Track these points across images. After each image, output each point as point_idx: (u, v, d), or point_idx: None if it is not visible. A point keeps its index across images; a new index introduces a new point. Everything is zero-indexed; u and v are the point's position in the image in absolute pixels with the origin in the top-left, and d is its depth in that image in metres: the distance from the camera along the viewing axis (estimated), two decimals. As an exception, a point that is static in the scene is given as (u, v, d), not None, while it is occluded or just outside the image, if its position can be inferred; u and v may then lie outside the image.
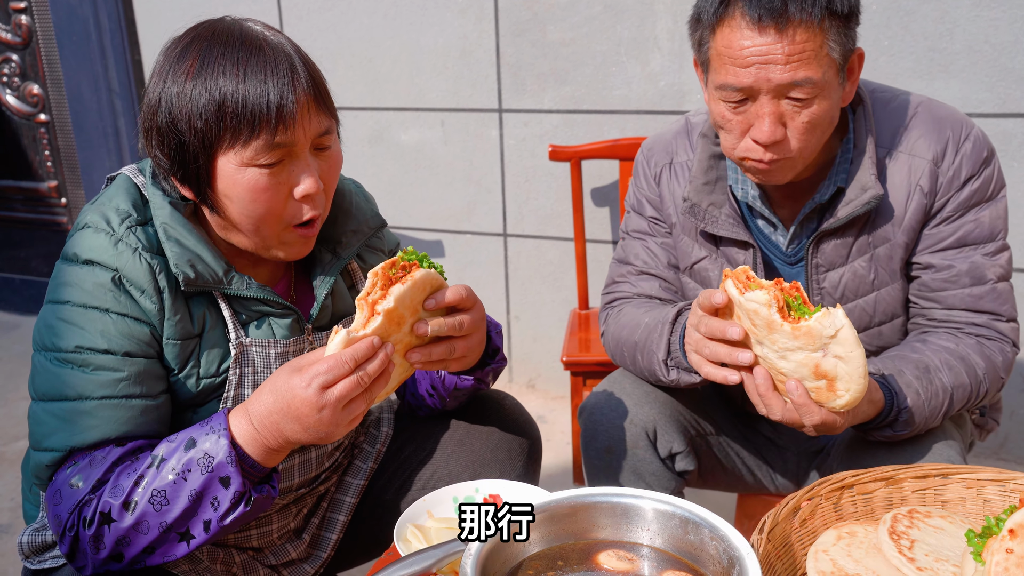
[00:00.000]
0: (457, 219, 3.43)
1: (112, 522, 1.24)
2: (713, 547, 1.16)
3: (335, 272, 1.52)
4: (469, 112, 3.28)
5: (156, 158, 1.36)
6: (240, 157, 1.30)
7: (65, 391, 1.30)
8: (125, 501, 1.24)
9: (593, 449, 1.75)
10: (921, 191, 1.57)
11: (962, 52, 2.59)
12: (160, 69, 1.35)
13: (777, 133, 1.47)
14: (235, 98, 1.27)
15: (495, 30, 3.16)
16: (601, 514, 1.25)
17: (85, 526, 1.25)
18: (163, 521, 1.24)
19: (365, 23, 3.33)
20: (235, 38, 1.32)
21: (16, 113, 4.24)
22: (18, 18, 4.06)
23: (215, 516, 1.24)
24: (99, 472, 1.28)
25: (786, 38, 1.40)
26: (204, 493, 1.23)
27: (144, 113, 1.36)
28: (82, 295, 1.32)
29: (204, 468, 1.23)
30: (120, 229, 1.35)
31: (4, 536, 2.70)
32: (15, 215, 4.43)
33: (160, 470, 1.24)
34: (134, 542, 1.25)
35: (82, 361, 1.31)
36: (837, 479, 1.30)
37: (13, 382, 3.79)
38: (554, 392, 3.47)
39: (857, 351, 1.29)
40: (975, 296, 1.59)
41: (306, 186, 1.34)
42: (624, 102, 3.05)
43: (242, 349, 1.42)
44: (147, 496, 1.23)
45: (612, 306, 1.84)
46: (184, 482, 1.23)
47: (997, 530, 1.02)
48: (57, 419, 1.30)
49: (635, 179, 1.85)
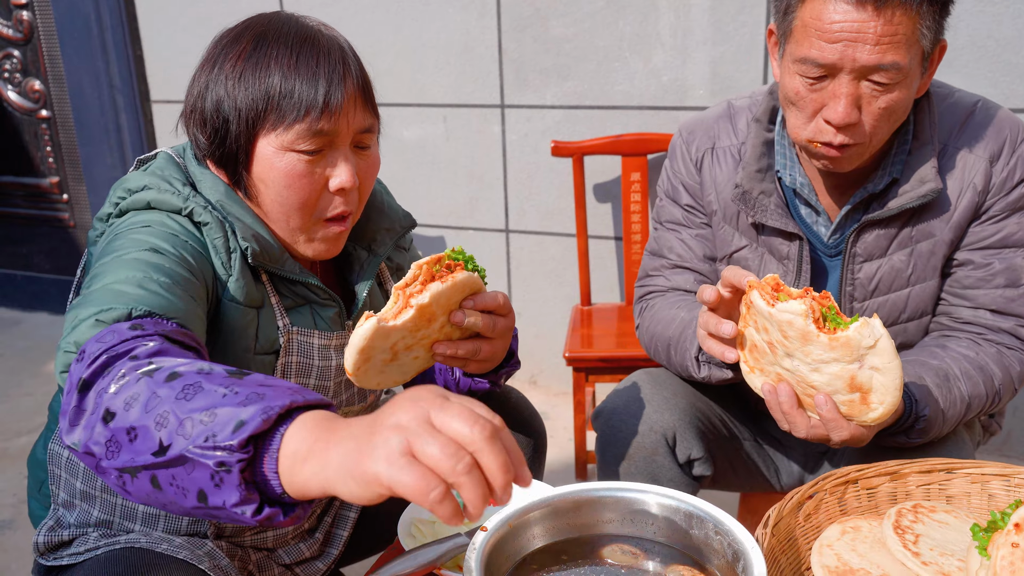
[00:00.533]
0: (459, 215, 3.43)
1: (149, 375, 0.98)
2: (718, 542, 1.16)
3: (374, 269, 1.53)
4: (471, 108, 3.28)
5: (195, 138, 1.38)
6: (281, 140, 1.31)
7: (134, 273, 1.19)
8: (173, 372, 0.98)
9: (611, 455, 1.72)
10: (974, 189, 1.55)
11: (966, 47, 2.59)
12: (210, 55, 1.37)
13: (852, 116, 1.42)
14: (285, 81, 1.29)
15: (497, 25, 3.15)
16: (606, 508, 1.25)
17: (131, 359, 1.02)
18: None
19: (367, 19, 3.32)
20: (290, 27, 1.34)
21: (17, 109, 4.24)
22: (19, 14, 4.06)
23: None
24: (169, 332, 1.12)
25: (883, 17, 1.35)
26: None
27: (188, 97, 1.37)
28: (160, 226, 1.29)
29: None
30: (184, 190, 1.34)
31: (6, 532, 2.71)
32: (17, 211, 4.43)
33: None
34: (134, 407, 0.96)
35: (154, 260, 1.23)
36: (841, 474, 1.30)
37: (16, 378, 3.80)
38: (556, 388, 3.47)
39: (895, 362, 1.25)
40: (1007, 298, 1.57)
41: (342, 179, 1.34)
42: (627, 98, 3.05)
43: (289, 336, 1.42)
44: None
45: (646, 300, 1.81)
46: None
47: (1002, 524, 1.02)
48: (121, 291, 1.16)
49: (671, 163, 1.79)
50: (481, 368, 1.42)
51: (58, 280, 4.46)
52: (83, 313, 1.14)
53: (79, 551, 1.42)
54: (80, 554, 1.41)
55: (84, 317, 1.13)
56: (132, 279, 1.18)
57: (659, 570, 1.19)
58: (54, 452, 1.47)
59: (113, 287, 1.17)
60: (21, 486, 2.94)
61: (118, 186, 1.38)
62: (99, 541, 1.42)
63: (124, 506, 1.43)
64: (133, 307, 1.13)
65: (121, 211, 1.34)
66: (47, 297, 4.51)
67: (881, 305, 1.64)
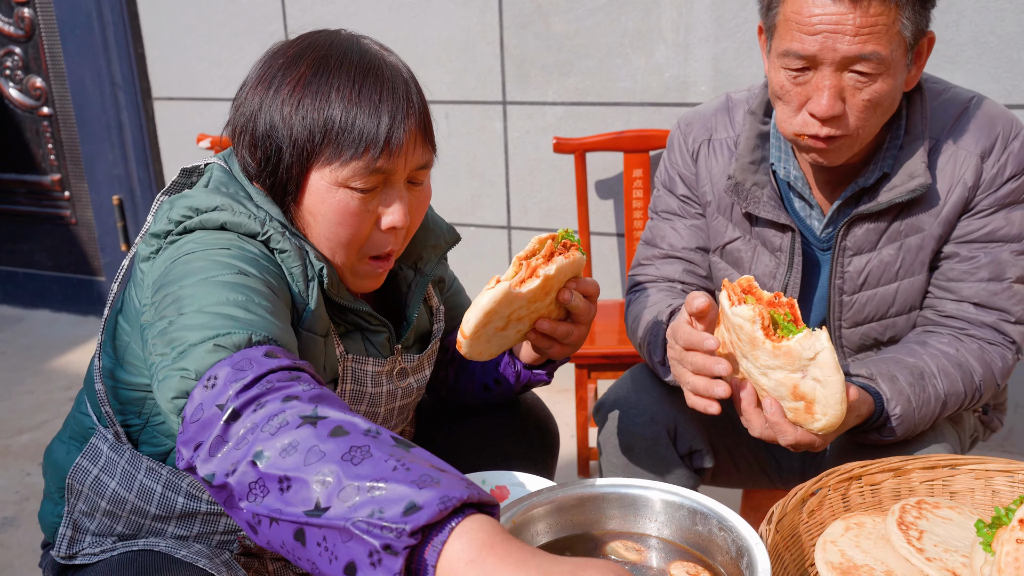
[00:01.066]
0: (461, 212, 3.43)
1: (312, 424, 0.94)
2: (721, 538, 1.16)
3: (423, 290, 1.50)
4: (473, 104, 3.28)
5: (243, 159, 1.32)
6: (336, 176, 1.26)
7: (236, 296, 1.12)
8: (338, 427, 0.94)
9: (612, 447, 1.73)
10: (964, 185, 1.56)
11: (968, 43, 2.58)
12: (264, 74, 1.30)
13: (835, 107, 1.43)
14: (346, 114, 1.23)
15: (499, 22, 3.15)
16: (609, 505, 1.25)
17: (288, 399, 0.97)
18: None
19: (369, 16, 3.32)
20: (353, 53, 1.28)
21: (19, 106, 4.24)
22: (20, 11, 4.06)
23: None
24: (302, 364, 1.06)
25: (860, 8, 1.37)
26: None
27: (239, 114, 1.31)
28: (239, 249, 1.21)
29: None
30: (260, 213, 1.27)
31: (9, 529, 2.71)
32: (18, 208, 4.43)
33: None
34: (293, 456, 0.91)
35: (246, 283, 1.16)
36: (845, 470, 1.30)
37: (17, 375, 3.80)
38: (558, 385, 3.47)
39: (835, 376, 1.26)
40: (991, 291, 1.57)
41: (394, 218, 1.30)
42: (629, 94, 3.05)
43: (344, 363, 1.38)
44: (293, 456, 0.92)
45: (634, 291, 1.82)
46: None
47: (1007, 520, 1.02)
48: (230, 315, 1.09)
49: (669, 154, 1.81)
50: (563, 353, 1.45)
51: (59, 277, 4.46)
52: (192, 337, 1.06)
53: (94, 551, 1.40)
54: (95, 554, 1.39)
55: (195, 341, 1.05)
56: (235, 301, 1.11)
57: (663, 566, 1.19)
58: (81, 467, 1.41)
59: (215, 309, 1.09)
60: (24, 483, 2.95)
61: (178, 203, 1.28)
62: (116, 543, 1.40)
63: (152, 527, 1.40)
64: (252, 332, 1.06)
65: (187, 229, 1.26)
66: (49, 294, 4.51)
67: (870, 299, 1.65)
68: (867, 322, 1.67)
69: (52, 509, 1.47)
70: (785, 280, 1.67)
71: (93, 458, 1.41)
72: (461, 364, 1.66)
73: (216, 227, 1.25)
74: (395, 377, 1.48)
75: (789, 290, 1.67)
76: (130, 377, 1.36)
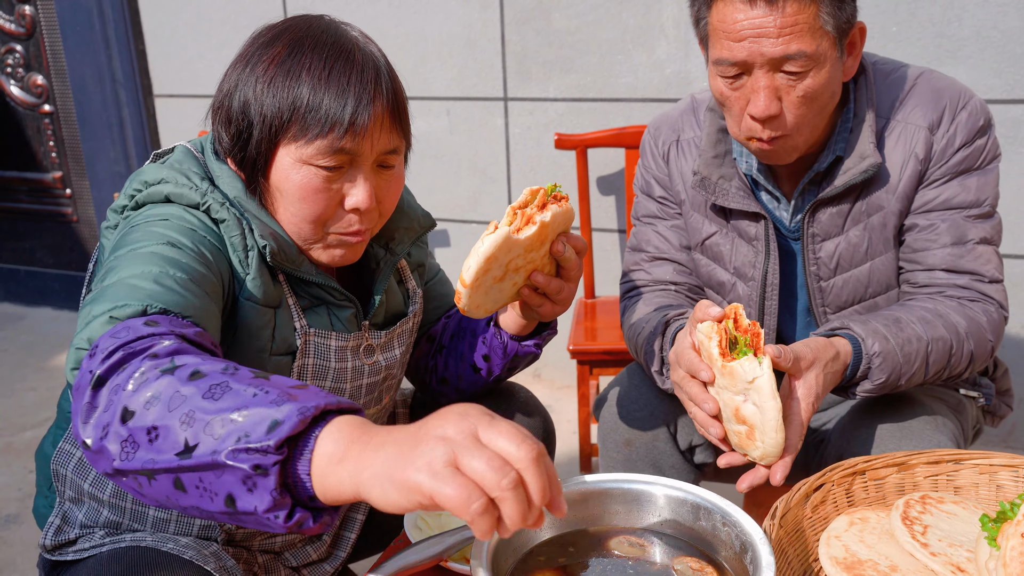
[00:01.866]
0: (463, 208, 3.43)
1: (171, 373, 0.95)
2: (725, 533, 1.16)
3: (391, 269, 1.51)
4: (474, 101, 3.27)
5: (219, 135, 1.36)
6: (301, 153, 1.29)
7: (150, 268, 1.16)
8: (196, 371, 0.95)
9: (612, 442, 1.74)
10: (916, 158, 1.58)
11: (970, 38, 2.58)
12: (245, 52, 1.34)
13: (772, 107, 1.47)
14: (313, 93, 1.27)
15: (500, 18, 3.15)
16: (612, 500, 1.25)
17: (149, 357, 0.98)
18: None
19: (370, 12, 3.32)
20: (329, 36, 1.31)
21: (20, 104, 4.24)
22: (22, 8, 4.06)
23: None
24: (185, 332, 1.07)
25: (777, 11, 1.41)
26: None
27: (218, 92, 1.36)
28: (178, 219, 1.27)
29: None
30: (203, 185, 1.32)
31: (12, 526, 2.71)
32: (20, 206, 4.43)
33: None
34: (156, 406, 0.93)
35: (171, 254, 1.20)
36: (848, 465, 1.30)
37: (19, 372, 3.80)
38: (560, 382, 3.47)
39: (770, 403, 1.27)
40: (956, 255, 1.58)
41: (357, 199, 1.32)
42: (630, 90, 3.04)
43: (306, 337, 1.40)
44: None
45: (627, 298, 1.83)
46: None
47: (1012, 515, 1.02)
48: (136, 286, 1.13)
49: (643, 159, 1.85)
50: (553, 312, 1.46)
51: (61, 275, 4.46)
52: (96, 309, 1.11)
53: (84, 547, 1.41)
54: (84, 551, 1.40)
55: (98, 313, 1.10)
56: (148, 274, 1.15)
57: (666, 562, 1.18)
58: (63, 451, 1.45)
59: (128, 282, 1.14)
60: (26, 481, 2.95)
61: (134, 178, 1.36)
62: (104, 539, 1.41)
63: (134, 510, 1.42)
64: (148, 303, 1.10)
65: (137, 203, 1.32)
66: (50, 292, 4.51)
67: (846, 282, 1.67)
68: (848, 305, 1.69)
69: (43, 502, 1.50)
70: (764, 268, 1.69)
71: (75, 442, 1.44)
72: (449, 350, 1.67)
73: (161, 199, 1.31)
74: (361, 353, 1.49)
75: (769, 277, 1.69)
76: None
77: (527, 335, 1.58)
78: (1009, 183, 2.61)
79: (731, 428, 1.36)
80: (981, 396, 1.75)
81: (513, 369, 1.65)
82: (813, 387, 1.39)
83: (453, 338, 1.67)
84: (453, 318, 1.70)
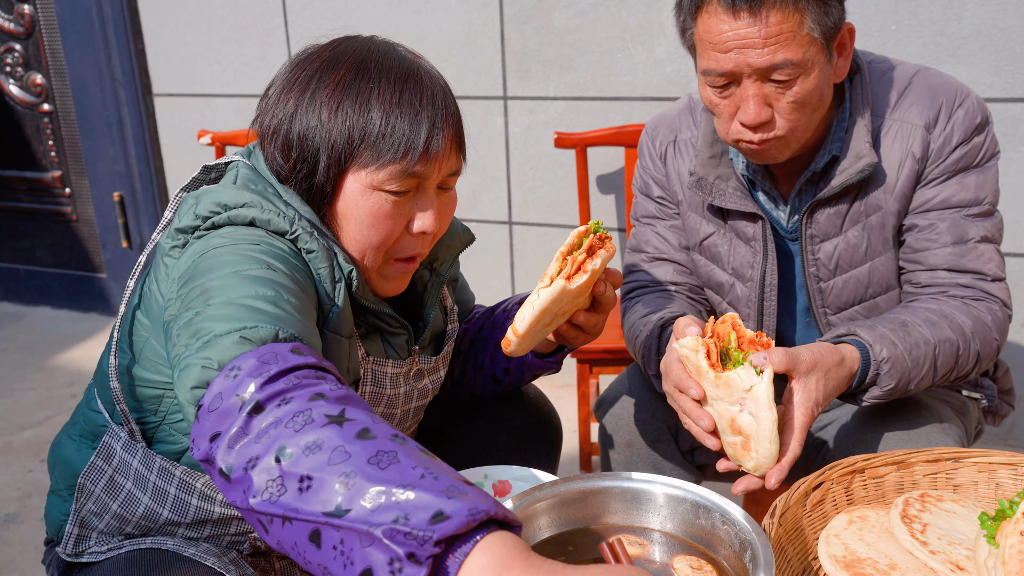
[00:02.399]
0: (462, 207, 3.43)
1: (339, 424, 0.92)
2: (725, 531, 1.16)
3: (438, 292, 1.51)
4: (474, 99, 3.27)
5: (273, 160, 1.32)
6: (372, 179, 1.27)
7: (265, 291, 1.12)
8: (365, 429, 0.92)
9: (613, 444, 1.73)
10: (913, 157, 1.57)
11: (970, 36, 2.58)
12: (299, 77, 1.30)
13: (763, 115, 1.47)
14: (386, 119, 1.25)
15: (499, 17, 3.14)
16: (612, 499, 1.25)
17: (315, 397, 0.95)
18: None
19: (369, 11, 3.31)
20: (392, 59, 1.30)
21: (20, 103, 4.23)
22: (21, 8, 4.05)
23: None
24: (327, 364, 1.04)
25: (761, 21, 1.40)
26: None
27: (269, 116, 1.31)
28: (268, 245, 1.20)
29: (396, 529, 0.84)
30: (289, 212, 1.27)
31: (12, 525, 2.71)
32: (19, 205, 4.43)
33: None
34: (316, 455, 0.89)
35: (277, 279, 1.15)
36: (848, 463, 1.30)
37: (19, 372, 3.80)
38: (560, 380, 3.47)
39: (766, 413, 1.25)
40: (957, 255, 1.57)
41: (425, 223, 1.32)
42: (630, 89, 3.04)
43: (366, 366, 1.39)
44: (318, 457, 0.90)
45: (627, 299, 1.83)
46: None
47: (1011, 513, 1.02)
48: (258, 308, 1.08)
49: (640, 160, 1.84)
50: (586, 341, 1.48)
51: (60, 274, 4.46)
52: (218, 328, 1.05)
53: (101, 549, 1.39)
54: (102, 552, 1.38)
55: (221, 332, 1.04)
56: (264, 296, 1.10)
57: (665, 560, 1.19)
58: (95, 467, 1.40)
59: (244, 302, 1.08)
60: (26, 480, 2.95)
61: (204, 198, 1.28)
62: (123, 541, 1.39)
63: (162, 530, 1.39)
64: (279, 328, 1.05)
65: (215, 225, 1.26)
66: (50, 291, 4.51)
67: (846, 283, 1.66)
68: (849, 306, 1.68)
69: (59, 506, 1.46)
70: (762, 268, 1.69)
71: (107, 457, 1.40)
72: (468, 358, 1.67)
73: (245, 223, 1.25)
74: (412, 378, 1.48)
75: (767, 278, 1.69)
76: (148, 374, 1.35)
77: (549, 352, 1.59)
78: (1008, 181, 2.61)
79: (726, 440, 1.35)
80: (983, 397, 1.74)
81: (532, 379, 1.67)
82: (813, 392, 1.37)
83: (472, 345, 1.67)
84: (473, 324, 1.70)
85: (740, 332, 1.33)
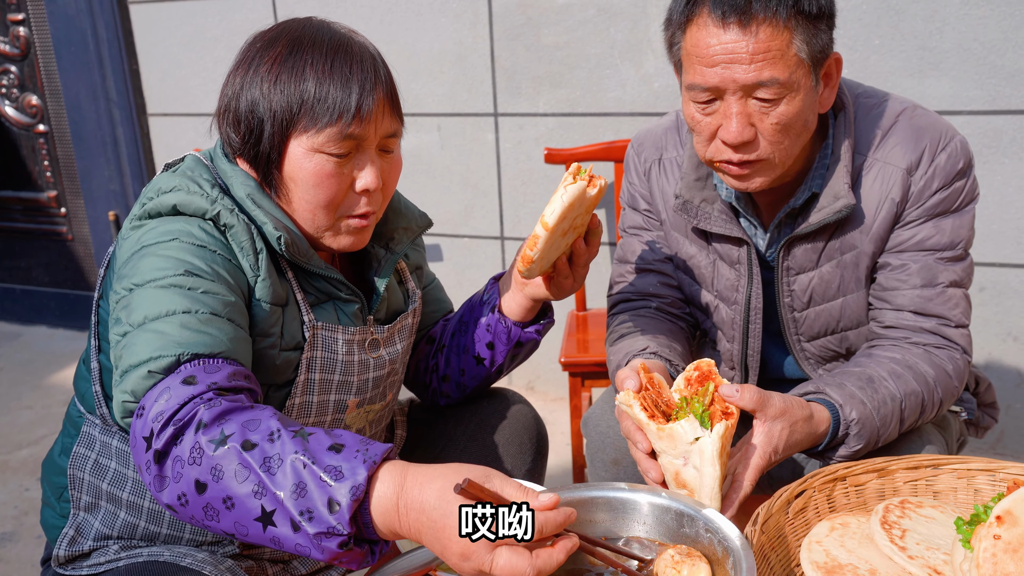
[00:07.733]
0: (455, 223, 3.45)
1: (224, 444, 1.09)
2: (708, 539, 1.18)
3: (392, 266, 1.59)
4: (465, 116, 3.30)
5: (227, 137, 1.44)
6: (312, 142, 1.36)
7: (175, 307, 1.25)
8: (246, 441, 1.10)
9: (599, 460, 1.72)
10: (892, 201, 1.57)
11: (952, 50, 2.61)
12: (244, 58, 1.41)
13: (745, 133, 1.46)
14: (319, 86, 1.35)
15: (489, 34, 3.18)
16: (597, 509, 1.27)
17: (198, 428, 1.11)
18: (261, 485, 1.08)
19: (361, 29, 3.31)
20: (324, 33, 1.40)
21: (15, 124, 4.26)
22: (16, 30, 4.09)
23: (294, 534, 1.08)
24: (218, 378, 1.19)
25: (750, 35, 1.40)
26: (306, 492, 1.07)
27: (222, 97, 1.43)
28: (187, 236, 1.33)
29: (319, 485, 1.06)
30: (213, 192, 1.39)
31: (7, 544, 2.72)
32: (15, 225, 4.45)
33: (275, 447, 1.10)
34: (224, 478, 1.09)
35: (191, 284, 1.27)
36: (829, 471, 1.32)
37: (15, 390, 3.81)
38: (553, 394, 3.49)
39: (710, 469, 1.24)
40: (925, 298, 1.57)
41: (367, 180, 1.40)
42: (619, 104, 3.08)
43: (314, 331, 1.45)
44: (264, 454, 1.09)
45: (611, 315, 1.84)
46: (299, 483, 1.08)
47: (985, 517, 1.04)
48: (166, 333, 1.22)
49: (627, 174, 1.85)
50: (571, 289, 1.58)
51: (57, 293, 4.47)
52: (133, 358, 1.21)
53: (99, 562, 1.42)
54: (100, 565, 1.42)
55: (135, 363, 1.21)
56: (173, 317, 1.24)
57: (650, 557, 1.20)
58: (79, 455, 1.48)
59: (155, 328, 1.23)
60: (22, 498, 2.96)
61: (149, 187, 1.42)
62: (120, 553, 1.42)
63: (151, 510, 1.44)
64: (180, 352, 1.20)
65: (148, 213, 1.37)
66: (46, 310, 4.52)
67: (818, 315, 1.67)
68: (821, 336, 1.70)
69: (52, 513, 1.51)
70: (747, 292, 1.69)
71: (88, 444, 1.48)
72: (450, 347, 1.72)
73: (168, 209, 1.36)
74: (368, 348, 1.55)
75: (753, 301, 1.69)
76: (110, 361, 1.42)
77: (529, 322, 1.66)
78: (992, 192, 2.65)
79: (673, 493, 1.32)
80: (963, 410, 1.75)
81: (515, 359, 1.71)
82: (775, 439, 1.36)
83: (454, 335, 1.72)
84: (452, 319, 1.75)
85: (714, 378, 1.33)
